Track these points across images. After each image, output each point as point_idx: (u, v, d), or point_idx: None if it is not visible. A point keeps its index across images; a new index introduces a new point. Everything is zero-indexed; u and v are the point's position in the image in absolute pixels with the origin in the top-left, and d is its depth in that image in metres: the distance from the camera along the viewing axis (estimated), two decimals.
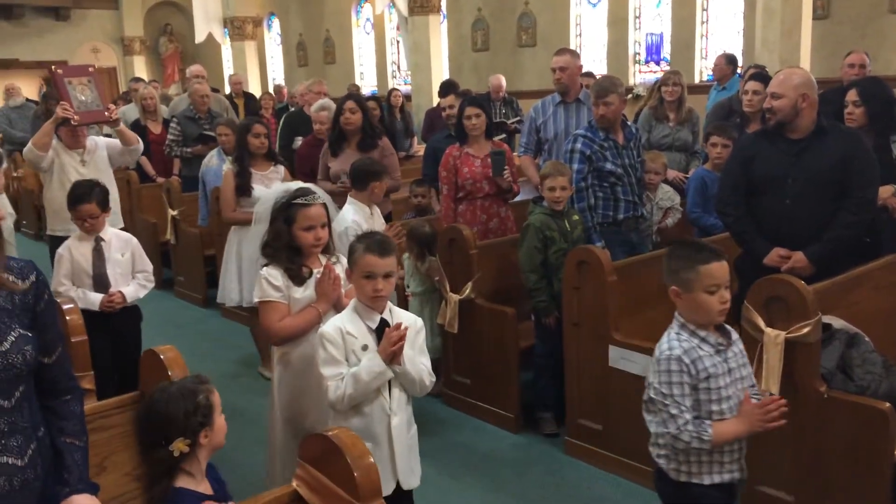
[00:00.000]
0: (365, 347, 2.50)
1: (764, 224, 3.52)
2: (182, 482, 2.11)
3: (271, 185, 4.93)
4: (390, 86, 12.87)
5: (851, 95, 3.82)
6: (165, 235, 7.03)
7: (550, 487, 3.70)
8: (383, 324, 2.54)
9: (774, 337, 3.01)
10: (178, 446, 2.06)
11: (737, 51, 9.15)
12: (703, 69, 10.70)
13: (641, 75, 11.45)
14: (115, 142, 5.23)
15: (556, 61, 5.03)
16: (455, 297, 4.39)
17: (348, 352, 2.49)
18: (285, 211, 2.84)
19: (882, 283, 3.70)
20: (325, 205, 2.90)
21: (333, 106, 5.73)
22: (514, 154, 5.65)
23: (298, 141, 6.44)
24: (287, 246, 2.84)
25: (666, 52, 11.17)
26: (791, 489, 3.11)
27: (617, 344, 3.67)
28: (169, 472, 2.09)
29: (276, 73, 18.14)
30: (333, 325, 2.52)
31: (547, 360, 4.15)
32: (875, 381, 3.05)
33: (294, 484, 1.92)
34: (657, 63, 11.31)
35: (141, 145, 5.32)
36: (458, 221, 4.69)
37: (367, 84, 15.69)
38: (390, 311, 2.61)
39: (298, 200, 2.84)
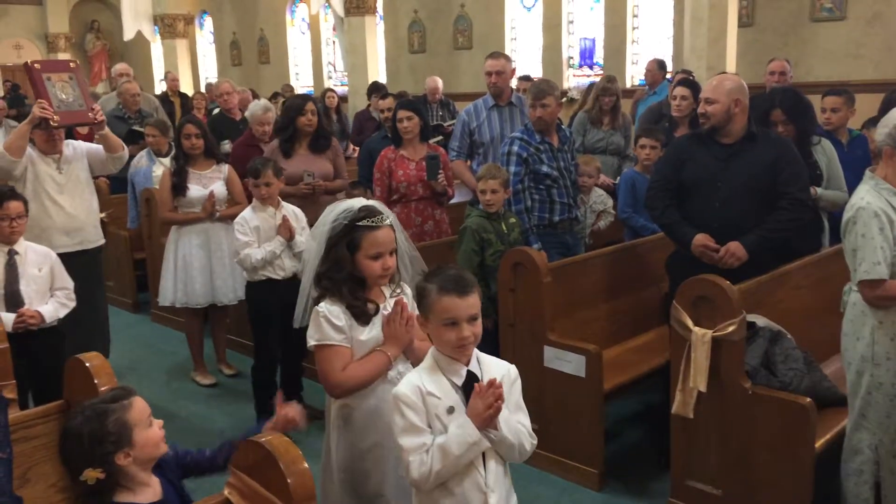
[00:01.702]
0: (451, 410, 2.02)
1: (694, 225, 3.60)
2: (121, 496, 2.05)
3: (211, 185, 4.86)
4: (326, 87, 12.77)
5: (778, 115, 3.93)
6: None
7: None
8: (471, 378, 2.06)
9: (702, 335, 3.10)
10: (90, 475, 1.98)
11: (667, 56, 9.40)
12: (633, 74, 10.95)
13: (575, 79, 11.64)
14: (98, 148, 4.56)
15: (492, 65, 5.07)
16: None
17: (431, 416, 2.02)
18: (348, 235, 2.34)
19: (802, 283, 3.84)
20: (392, 226, 2.40)
21: (268, 104, 5.67)
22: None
23: (227, 145, 6.27)
24: (349, 277, 2.35)
25: (598, 56, 11.40)
26: (718, 483, 3.21)
27: (552, 344, 3.72)
28: (100, 492, 2.02)
29: (209, 73, 17.79)
30: (410, 384, 2.04)
31: None
32: (797, 377, 3.17)
33: (226, 492, 1.89)
34: (590, 67, 11.52)
35: (126, 152, 4.70)
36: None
37: (303, 85, 15.53)
38: (477, 360, 2.11)
39: (364, 222, 2.33)
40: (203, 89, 13.57)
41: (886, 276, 2.71)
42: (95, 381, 2.37)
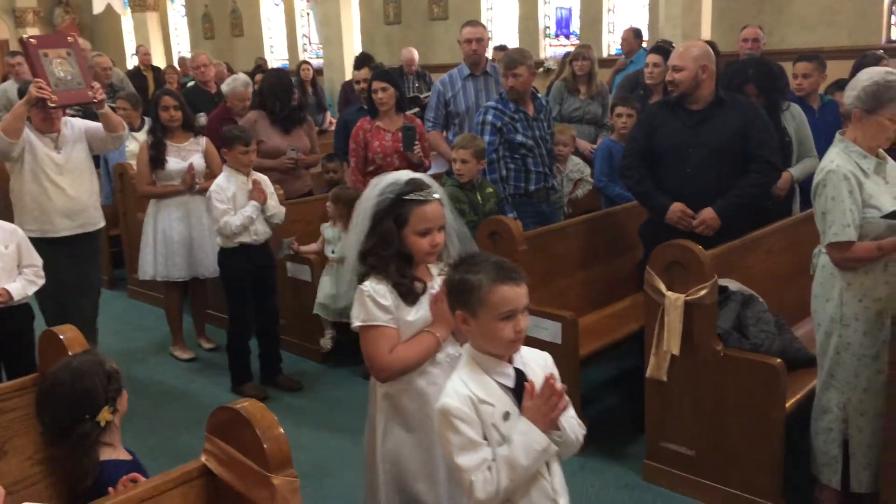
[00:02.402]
0: (507, 416, 1.84)
1: (667, 192, 3.64)
2: (105, 455, 2.12)
3: (189, 158, 4.83)
4: (301, 59, 12.61)
5: (752, 90, 3.95)
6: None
7: None
8: (520, 376, 1.89)
9: (675, 300, 3.14)
10: (105, 416, 2.08)
11: (643, 25, 9.38)
12: (610, 43, 10.92)
13: (552, 49, 11.59)
14: (97, 126, 4.31)
15: (470, 32, 5.05)
16: None
17: (487, 427, 1.83)
18: (395, 209, 2.19)
19: (774, 248, 3.90)
20: (440, 201, 2.27)
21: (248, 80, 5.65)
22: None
23: (202, 117, 6.25)
24: (397, 254, 2.21)
25: (575, 26, 11.34)
26: (692, 444, 3.27)
27: (530, 312, 3.73)
28: (93, 447, 2.10)
29: (181, 46, 17.49)
30: (458, 394, 1.84)
31: None
32: (768, 339, 3.23)
33: (203, 458, 1.89)
34: (567, 37, 11.47)
35: (126, 131, 4.47)
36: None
37: (277, 58, 15.33)
38: (519, 356, 1.96)
39: (412, 196, 2.19)
40: (175, 63, 13.37)
41: (855, 239, 2.75)
42: (70, 353, 2.36)
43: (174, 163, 4.78)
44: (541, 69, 10.53)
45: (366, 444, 2.41)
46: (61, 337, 2.40)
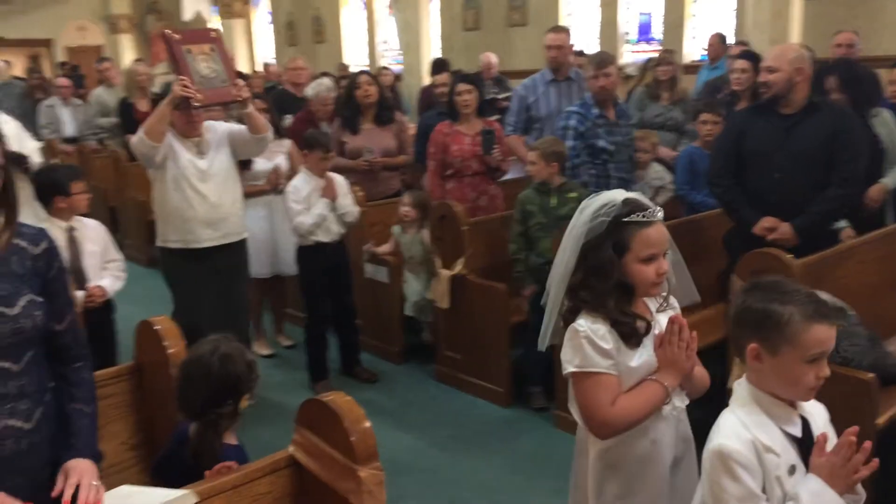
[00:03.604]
0: (792, 469, 1.64)
1: (753, 197, 3.56)
2: (227, 439, 2.23)
3: (275, 159, 4.98)
4: (381, 65, 12.81)
5: (831, 83, 3.85)
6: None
7: (539, 460, 3.76)
8: (806, 427, 1.71)
9: None
10: (245, 403, 2.20)
11: (728, 30, 9.16)
12: (693, 50, 10.71)
13: (632, 55, 11.44)
14: (239, 128, 4.01)
15: (553, 39, 5.05)
16: (446, 273, 4.43)
17: (769, 479, 1.62)
18: (613, 234, 1.91)
19: (867, 258, 3.75)
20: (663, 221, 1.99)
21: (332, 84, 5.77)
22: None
23: (288, 119, 6.43)
24: (617, 287, 1.92)
25: (657, 31, 11.17)
26: None
27: None
28: (226, 430, 2.21)
29: (265, 52, 18.00)
30: (741, 438, 1.62)
31: (536, 335, 4.18)
32: (860, 354, 3.11)
33: (291, 449, 1.95)
34: (648, 42, 11.31)
35: (271, 133, 4.17)
36: (447, 198, 4.72)
37: (358, 64, 15.60)
38: (802, 404, 1.74)
39: (633, 217, 1.90)
40: (261, 69, 13.77)
41: None
42: (164, 344, 2.47)
43: (260, 163, 4.92)
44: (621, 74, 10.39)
45: (573, 497, 2.18)
46: (157, 328, 2.51)
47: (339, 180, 4.53)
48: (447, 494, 3.50)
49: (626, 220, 1.90)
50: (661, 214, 1.94)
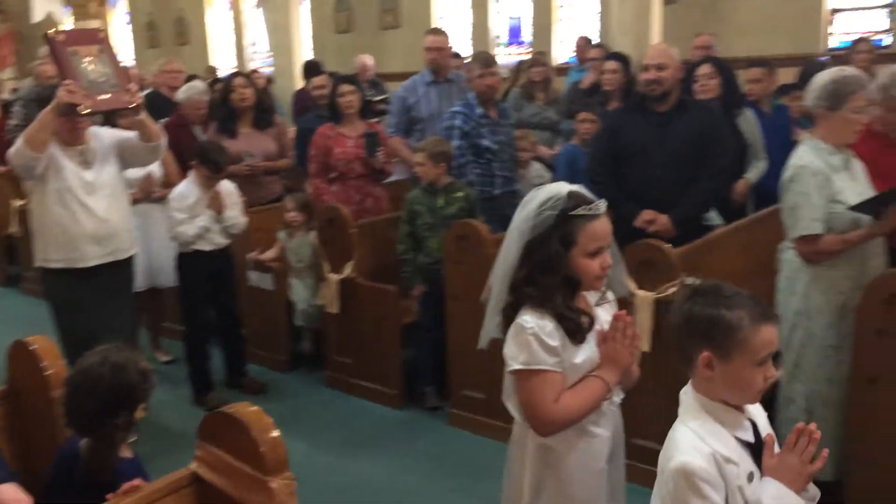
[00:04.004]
0: (751, 477, 1.61)
1: (633, 193, 3.72)
2: (122, 452, 2.12)
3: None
4: (249, 68, 12.49)
5: (704, 69, 4.09)
6: (10, 228, 6.53)
7: (436, 459, 3.78)
8: (755, 432, 1.68)
9: (645, 298, 3.20)
10: (140, 413, 2.10)
11: (593, 33, 9.54)
12: (561, 52, 11.08)
13: (503, 58, 11.70)
14: (128, 135, 3.70)
15: (433, 41, 5.08)
16: (335, 277, 4.37)
17: (731, 491, 1.57)
18: (562, 228, 1.88)
19: (734, 247, 4.00)
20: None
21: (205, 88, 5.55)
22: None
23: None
24: (564, 282, 1.90)
25: (526, 34, 11.49)
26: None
27: None
28: (121, 442, 2.10)
29: (124, 56, 17.14)
30: (700, 452, 1.57)
31: (430, 335, 4.22)
32: None
33: (193, 465, 1.86)
34: (518, 45, 11.61)
35: (165, 141, 3.83)
36: (332, 202, 4.67)
37: (226, 66, 15.13)
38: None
39: (580, 211, 1.88)
40: None
41: (822, 232, 2.86)
42: (42, 365, 2.30)
43: (131, 171, 4.67)
44: None
45: (506, 500, 2.11)
46: (32, 348, 2.33)
47: (229, 189, 4.37)
48: (344, 500, 3.44)
49: (572, 213, 1.87)
50: (604, 207, 1.91)
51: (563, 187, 1.92)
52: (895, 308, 2.71)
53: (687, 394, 1.68)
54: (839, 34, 8.94)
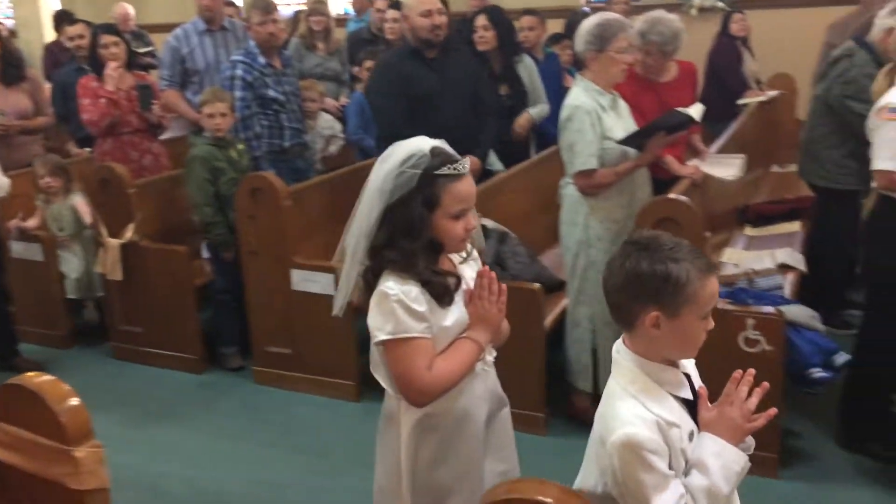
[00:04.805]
0: (692, 436, 1.53)
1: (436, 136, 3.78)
2: None
3: None
4: None
5: (481, 20, 4.23)
6: None
7: (246, 417, 3.70)
8: (692, 387, 1.58)
9: None
10: None
11: None
12: (337, 4, 10.92)
13: (280, 7, 11.32)
14: None
15: None
16: (115, 242, 4.07)
17: (675, 454, 1.48)
18: (423, 189, 1.73)
19: (518, 188, 4.25)
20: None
21: None
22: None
23: None
24: (428, 245, 1.77)
25: None
26: None
27: (299, 267, 3.73)
28: None
29: None
30: (641, 418, 1.47)
31: (226, 295, 4.08)
32: (524, 269, 3.56)
33: None
34: None
35: None
36: (107, 161, 4.32)
37: None
38: None
39: (445, 170, 1.74)
40: None
41: (597, 167, 3.10)
42: None
43: None
44: None
45: (382, 479, 1.97)
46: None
47: None
48: (151, 472, 3.28)
49: (437, 173, 1.73)
50: (468, 165, 1.80)
51: (424, 143, 1.78)
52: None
53: (621, 353, 1.57)
54: None
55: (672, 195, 3.04)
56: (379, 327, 1.75)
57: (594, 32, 3.10)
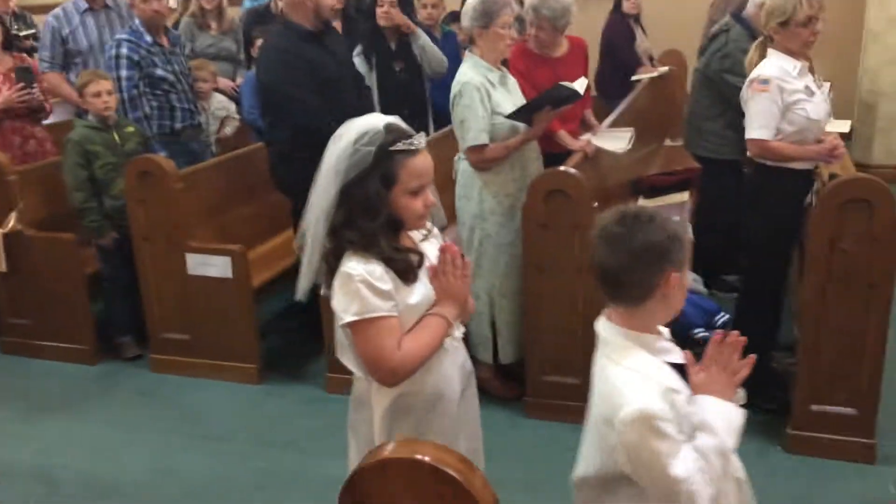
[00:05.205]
0: (690, 399, 1.56)
1: (343, 120, 3.67)
2: None
3: None
4: None
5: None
6: None
7: (142, 406, 3.62)
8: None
9: None
10: None
11: None
12: None
13: None
14: None
15: None
16: None
17: (680, 419, 1.50)
18: (381, 165, 1.70)
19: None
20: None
21: None
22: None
23: None
24: (388, 223, 1.74)
25: None
26: None
27: (194, 251, 3.66)
28: None
29: None
30: (654, 390, 1.48)
31: (115, 283, 3.96)
32: None
33: None
34: None
35: None
36: None
37: None
38: None
39: (400, 146, 1.72)
40: None
41: (487, 142, 3.15)
42: None
43: None
44: None
45: (356, 464, 1.85)
46: None
47: None
48: (44, 465, 3.17)
49: (392, 149, 1.71)
50: (424, 141, 1.78)
51: (377, 119, 1.75)
52: (552, 204, 3.09)
53: (607, 329, 1.59)
54: None
55: (561, 168, 3.12)
56: (344, 309, 1.72)
57: (479, 9, 3.14)
